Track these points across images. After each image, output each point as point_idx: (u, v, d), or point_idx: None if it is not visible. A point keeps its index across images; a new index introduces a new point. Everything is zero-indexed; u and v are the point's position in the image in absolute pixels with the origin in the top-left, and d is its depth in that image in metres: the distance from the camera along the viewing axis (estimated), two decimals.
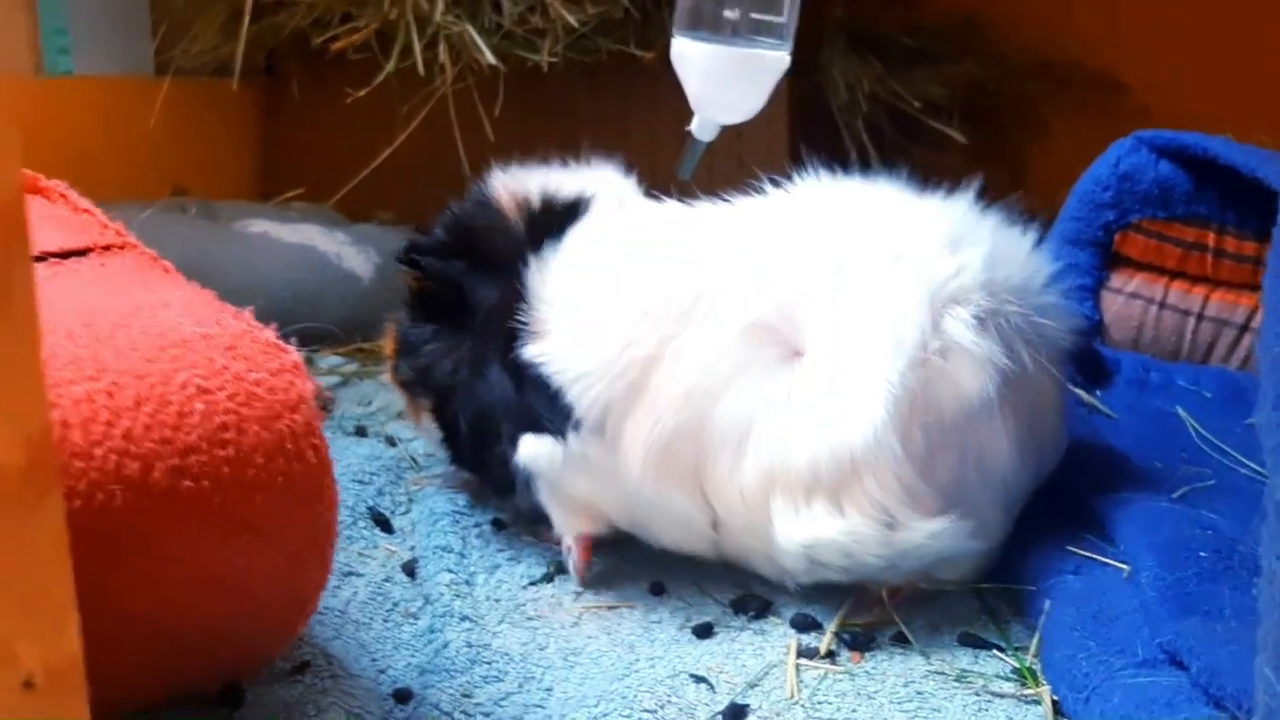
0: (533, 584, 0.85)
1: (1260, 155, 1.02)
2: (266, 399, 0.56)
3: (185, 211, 1.49)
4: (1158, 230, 1.13)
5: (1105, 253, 1.14)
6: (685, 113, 0.96)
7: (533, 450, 0.81)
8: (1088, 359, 0.94)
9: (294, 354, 0.61)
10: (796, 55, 0.91)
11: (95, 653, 0.43)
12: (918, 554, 0.75)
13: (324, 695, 0.63)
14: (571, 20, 1.50)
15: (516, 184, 0.90)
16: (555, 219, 0.86)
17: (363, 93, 1.51)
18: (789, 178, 0.88)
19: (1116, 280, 1.15)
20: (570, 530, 0.85)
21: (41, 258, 0.65)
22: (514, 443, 0.82)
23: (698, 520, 0.81)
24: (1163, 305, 1.14)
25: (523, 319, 0.82)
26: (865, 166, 1.70)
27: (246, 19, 1.62)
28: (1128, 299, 1.15)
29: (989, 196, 0.89)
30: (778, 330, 0.78)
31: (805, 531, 0.76)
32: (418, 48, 1.50)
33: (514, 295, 0.83)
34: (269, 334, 0.61)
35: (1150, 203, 1.12)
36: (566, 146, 1.85)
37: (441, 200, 1.20)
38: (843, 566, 0.76)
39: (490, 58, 1.47)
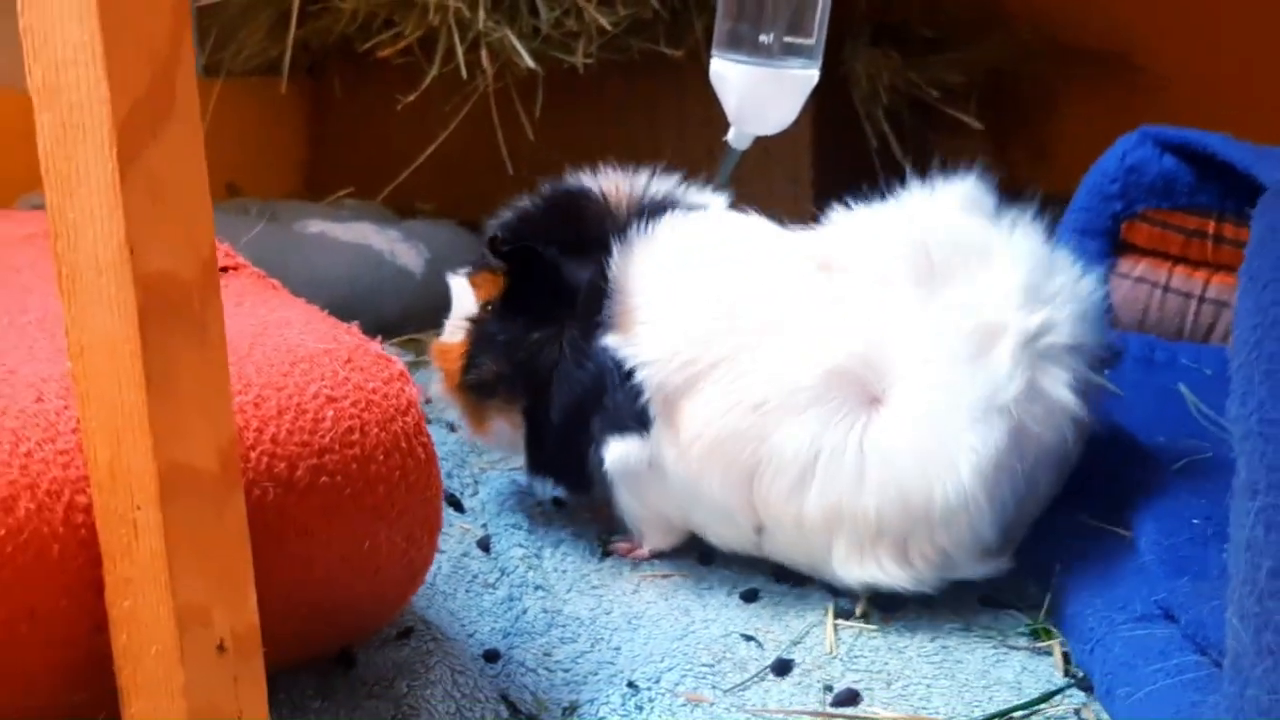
0: (594, 556, 0.95)
1: (1256, 152, 1.10)
2: (382, 405, 0.66)
3: (248, 213, 1.58)
4: (1162, 219, 1.21)
5: (1113, 240, 1.22)
6: (710, 107, 1.03)
7: (621, 452, 0.85)
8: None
9: (399, 363, 0.70)
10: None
11: (261, 623, 0.53)
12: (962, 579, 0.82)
13: (429, 656, 0.72)
14: (604, 22, 1.58)
15: (608, 179, 0.93)
16: (646, 213, 0.88)
17: (411, 97, 1.59)
18: (876, 193, 0.89)
19: (1124, 266, 1.23)
20: (649, 544, 0.92)
21: None
22: (602, 443, 0.86)
23: (741, 523, 0.85)
24: (1166, 289, 1.22)
25: (607, 306, 0.85)
26: (886, 154, 1.78)
27: (293, 24, 1.71)
28: (1134, 283, 1.23)
29: (1008, 179, 0.93)
30: (859, 376, 0.79)
31: (866, 574, 0.81)
32: (460, 52, 1.58)
33: (603, 281, 0.86)
34: (377, 346, 0.71)
35: (1155, 194, 1.20)
36: (599, 141, 1.95)
37: (481, 193, 1.26)
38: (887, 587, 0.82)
39: (529, 62, 1.55)
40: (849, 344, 0.80)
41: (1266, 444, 0.51)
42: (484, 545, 0.95)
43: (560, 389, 0.88)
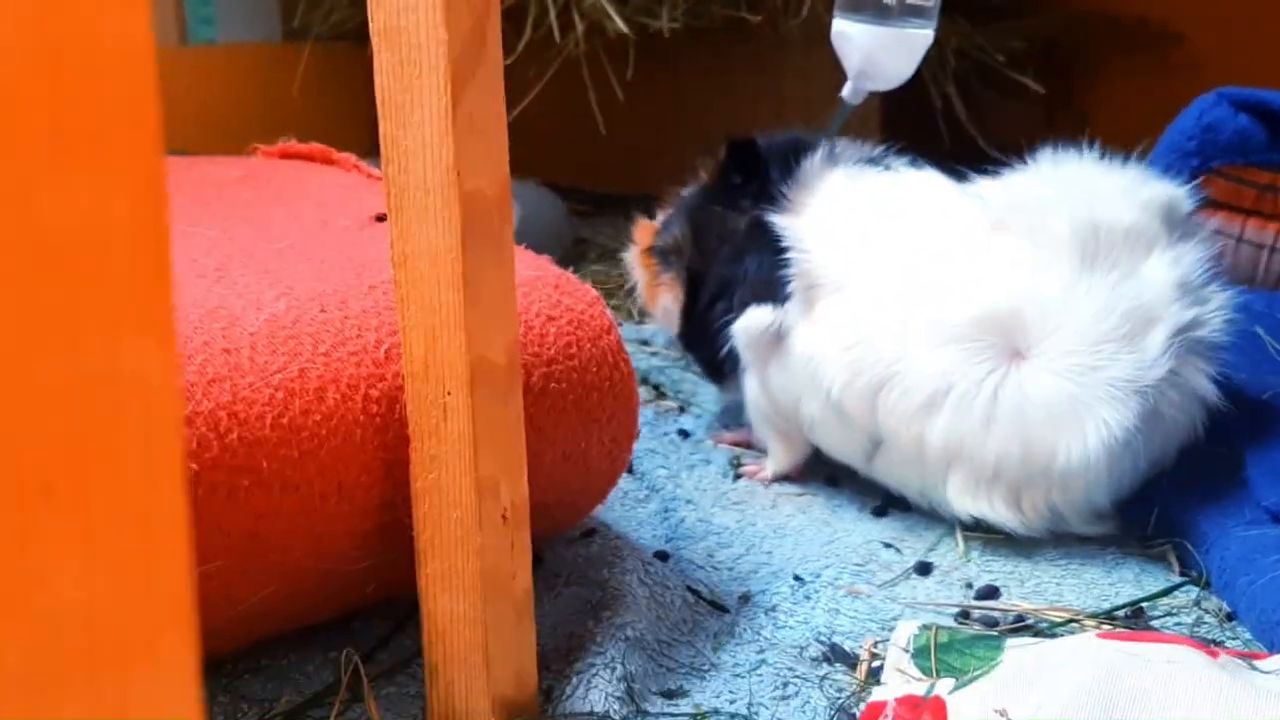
0: (726, 478, 1.03)
1: None
2: (590, 324, 0.74)
3: None
4: (1236, 174, 1.29)
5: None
6: (785, 73, 1.10)
7: (753, 318, 0.91)
8: None
9: (593, 290, 0.78)
10: None
11: None
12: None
13: (618, 551, 0.81)
14: None
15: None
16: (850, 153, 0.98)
17: (509, 61, 1.66)
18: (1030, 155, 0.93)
19: (1200, 217, 1.31)
20: (772, 463, 1.00)
21: (382, 218, 0.83)
22: (740, 313, 0.92)
23: (858, 432, 0.90)
24: (1240, 240, 1.30)
25: (785, 194, 0.93)
26: (950, 115, 1.85)
27: None
28: (1211, 235, 1.31)
29: (1058, 143, 0.98)
30: (1008, 328, 0.83)
31: (977, 508, 0.86)
32: (553, 15, 1.65)
33: (789, 183, 0.94)
34: (571, 274, 0.79)
35: (1230, 151, 1.27)
36: (680, 104, 2.02)
37: (562, 154, 1.30)
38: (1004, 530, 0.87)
39: (622, 26, 1.62)
40: (1005, 296, 0.84)
41: None
42: (628, 467, 1.03)
43: (722, 264, 0.96)
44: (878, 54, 1.04)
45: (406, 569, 0.62)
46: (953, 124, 1.86)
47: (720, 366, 1.01)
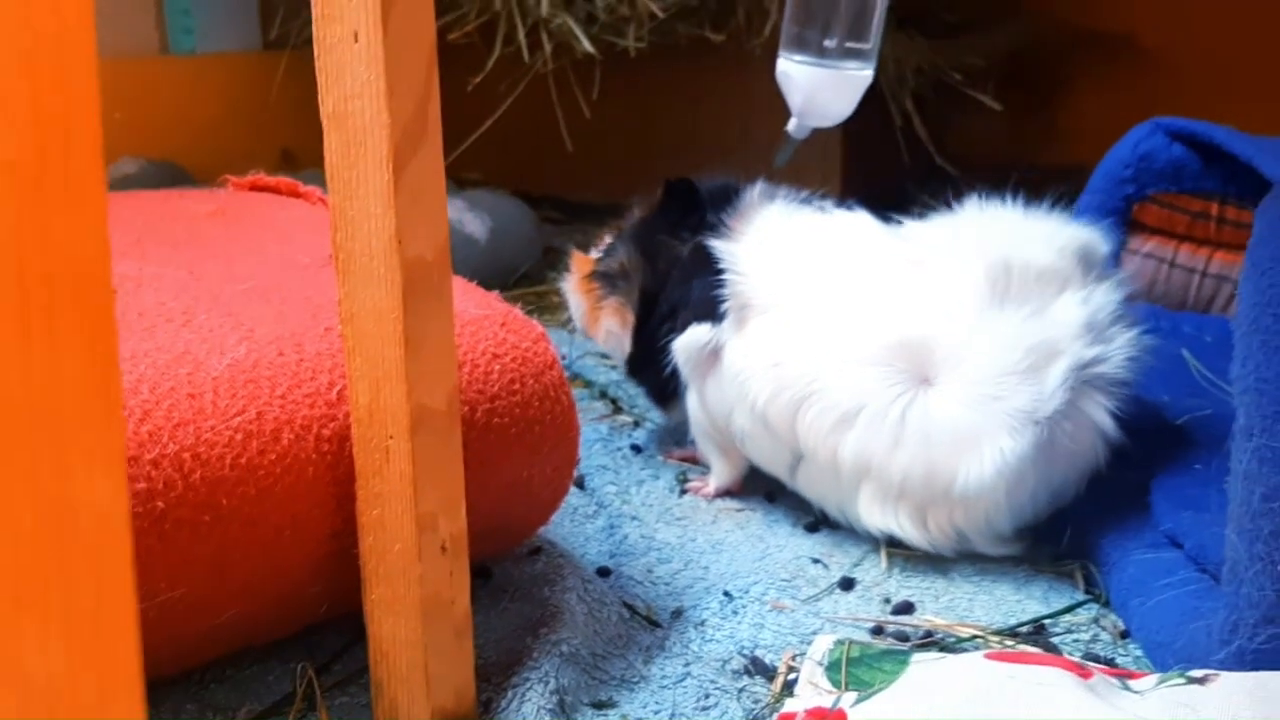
0: (673, 493, 1.09)
1: (1257, 144, 1.24)
2: (533, 361, 0.80)
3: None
4: (1170, 201, 1.35)
5: (1125, 220, 1.36)
6: (751, 90, 1.15)
7: (691, 336, 0.97)
8: None
9: (539, 326, 0.84)
10: None
11: None
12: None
13: (560, 569, 0.87)
14: (654, 8, 1.71)
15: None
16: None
17: (479, 79, 1.72)
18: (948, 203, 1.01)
19: (1134, 243, 1.37)
20: (715, 479, 1.06)
21: None
22: (681, 331, 0.98)
23: (782, 446, 0.95)
24: (1173, 264, 1.36)
25: (725, 223, 1.00)
26: (909, 132, 1.91)
27: None
28: (1143, 259, 1.37)
29: (1028, 161, 1.04)
30: (919, 355, 0.89)
31: (885, 524, 0.92)
32: (521, 34, 1.71)
33: (729, 210, 1.01)
34: (519, 311, 0.85)
35: (1164, 179, 1.34)
36: (646, 120, 2.08)
37: (532, 167, 1.32)
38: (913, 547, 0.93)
39: (588, 46, 1.68)
40: (917, 326, 0.91)
41: (1260, 396, 0.66)
42: (579, 483, 1.09)
43: (672, 281, 1.02)
44: (818, 93, 1.09)
45: (357, 591, 0.68)
46: (913, 140, 1.92)
47: (665, 387, 1.07)
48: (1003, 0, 2.10)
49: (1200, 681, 0.66)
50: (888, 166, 1.95)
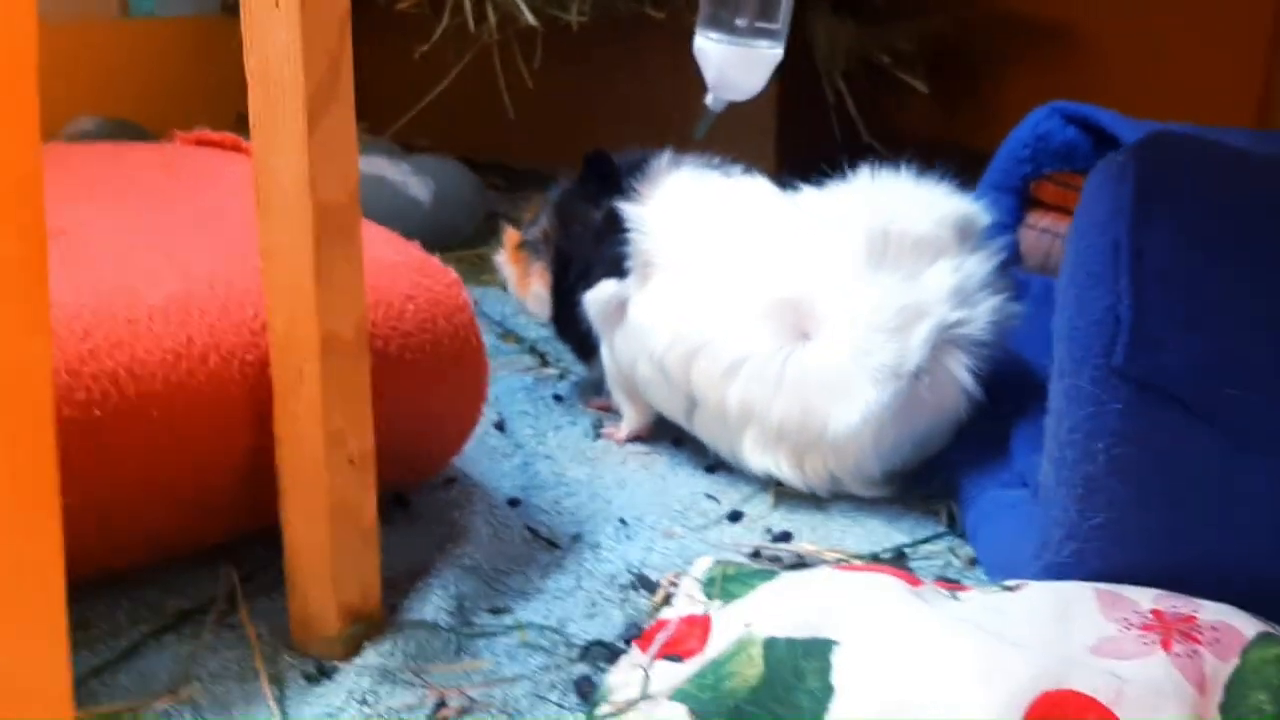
0: (588, 437, 1.18)
1: (1140, 127, 1.33)
2: (446, 303, 0.88)
3: None
4: (1064, 180, 1.45)
5: (1023, 197, 1.46)
6: (688, 64, 1.22)
7: (601, 290, 1.05)
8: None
9: (453, 273, 0.93)
10: None
11: None
12: None
13: (471, 496, 0.96)
14: None
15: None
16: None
17: (425, 48, 1.79)
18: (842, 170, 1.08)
19: (1031, 219, 1.47)
20: (626, 423, 1.15)
21: None
22: (593, 286, 1.06)
23: (679, 393, 1.04)
24: (1064, 238, 1.46)
25: (635, 188, 1.08)
26: (842, 111, 2.00)
27: None
28: (1039, 233, 1.47)
29: (954, 141, 1.12)
30: (799, 312, 0.98)
31: (764, 465, 1.01)
32: (468, 6, 1.78)
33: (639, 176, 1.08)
34: (436, 260, 0.93)
35: (1059, 159, 1.43)
36: (588, 92, 2.15)
37: (477, 134, 1.36)
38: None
39: (531, 19, 1.75)
40: (800, 285, 1.00)
41: (1071, 343, 0.75)
42: (500, 426, 1.18)
43: (585, 242, 1.10)
44: (731, 70, 1.18)
45: (276, 502, 0.76)
46: (846, 119, 2.01)
47: (585, 342, 1.15)
48: None
49: (1012, 590, 0.76)
50: (820, 143, 2.04)
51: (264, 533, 0.88)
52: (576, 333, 1.16)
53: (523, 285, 1.21)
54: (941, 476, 1.08)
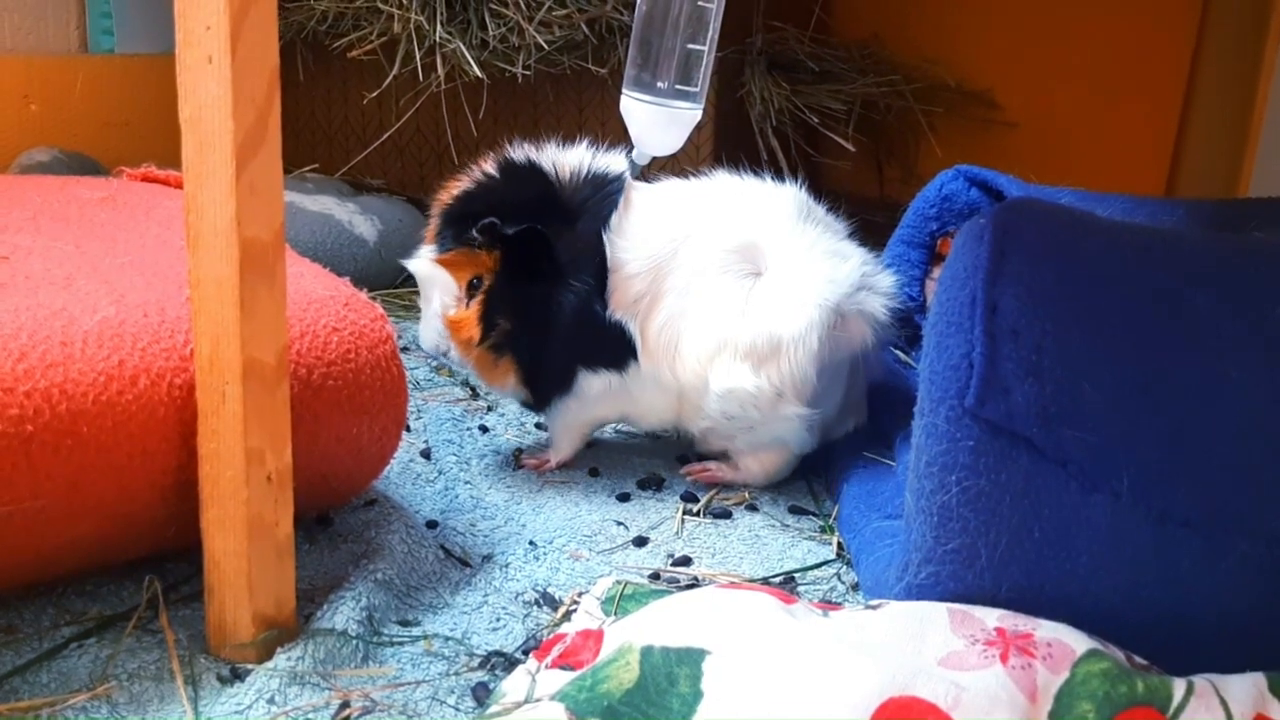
0: (508, 466, 1.25)
1: (1032, 191, 1.44)
2: (369, 335, 0.95)
3: None
4: None
5: (930, 252, 1.56)
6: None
7: (600, 378, 1.16)
8: (909, 329, 1.37)
9: (379, 308, 0.99)
10: (725, 75, 1.28)
11: None
12: (776, 427, 1.16)
13: (389, 517, 1.02)
14: (541, 41, 1.87)
15: (550, 157, 1.20)
16: (605, 187, 1.17)
17: (375, 94, 1.87)
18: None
19: (936, 272, 1.56)
20: (557, 455, 1.23)
21: None
22: (593, 370, 1.16)
23: (671, 391, 1.17)
24: None
25: (609, 253, 1.13)
26: (775, 167, 2.11)
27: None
28: None
29: (881, 197, 1.28)
30: (752, 255, 1.16)
31: (729, 381, 1.14)
32: (418, 56, 1.86)
33: (594, 241, 1.13)
34: (364, 295, 1.00)
35: (962, 217, 1.53)
36: (536, 132, 2.24)
37: (424, 176, 1.44)
38: (737, 414, 1.15)
39: (477, 72, 1.83)
40: (748, 235, 1.16)
41: (930, 385, 0.83)
42: (425, 454, 1.24)
43: (563, 335, 1.13)
44: (653, 126, 1.27)
45: (198, 518, 0.82)
46: (779, 173, 2.11)
47: (546, 405, 1.20)
48: (865, 55, 2.31)
49: (875, 608, 0.83)
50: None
51: (191, 550, 0.94)
52: (547, 400, 1.20)
53: (494, 380, 1.18)
54: (837, 509, 1.15)
